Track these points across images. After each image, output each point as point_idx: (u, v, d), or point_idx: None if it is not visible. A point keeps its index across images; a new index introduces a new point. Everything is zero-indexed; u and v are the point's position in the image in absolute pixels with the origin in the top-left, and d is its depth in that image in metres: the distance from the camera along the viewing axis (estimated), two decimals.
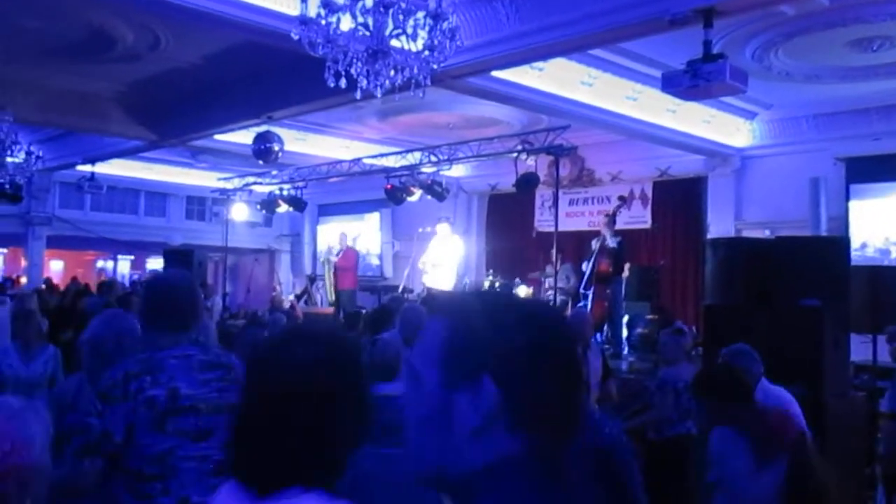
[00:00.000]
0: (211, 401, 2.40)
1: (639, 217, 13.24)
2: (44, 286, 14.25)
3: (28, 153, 11.30)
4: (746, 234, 11.20)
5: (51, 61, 9.48)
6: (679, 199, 13.01)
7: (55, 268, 20.36)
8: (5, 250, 19.47)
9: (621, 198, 11.42)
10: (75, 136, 13.66)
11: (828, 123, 10.78)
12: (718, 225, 11.88)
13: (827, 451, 4.07)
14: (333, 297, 14.01)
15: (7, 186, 12.06)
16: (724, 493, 1.57)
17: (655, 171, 12.82)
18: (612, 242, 10.16)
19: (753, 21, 7.56)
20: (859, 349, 7.17)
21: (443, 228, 12.09)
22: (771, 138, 11.48)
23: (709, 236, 11.23)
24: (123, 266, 21.62)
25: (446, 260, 11.91)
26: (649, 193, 13.25)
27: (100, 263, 22.18)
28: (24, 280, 16.65)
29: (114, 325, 3.20)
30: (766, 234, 10.16)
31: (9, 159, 11.12)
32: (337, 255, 13.67)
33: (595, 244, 10.38)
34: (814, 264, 6.64)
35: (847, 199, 10.79)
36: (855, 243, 9.62)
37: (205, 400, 2.40)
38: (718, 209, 12.15)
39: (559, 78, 8.95)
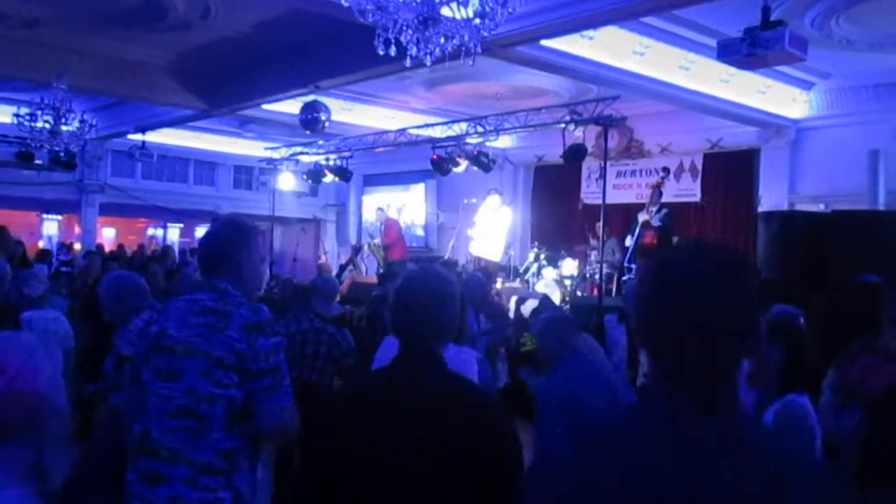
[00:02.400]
0: (189, 343, 2.45)
1: (688, 190, 13.01)
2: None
3: (82, 121, 11.48)
4: (800, 208, 10.91)
5: (104, 29, 9.62)
6: (730, 172, 12.74)
7: (107, 235, 20.82)
8: (60, 217, 19.94)
9: (665, 169, 11.24)
10: (127, 104, 13.89)
11: (890, 94, 10.41)
12: (771, 198, 11.61)
13: None
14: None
15: (62, 154, 12.30)
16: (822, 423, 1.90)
17: (706, 143, 12.56)
18: (656, 221, 10.01)
19: None
20: None
21: (493, 199, 12.10)
22: (829, 109, 11.13)
23: (761, 210, 10.99)
24: (173, 234, 22.00)
25: (494, 231, 11.89)
26: (699, 166, 12.99)
27: (150, 231, 22.61)
28: (77, 246, 17.06)
29: (113, 286, 4.04)
30: (821, 208, 9.91)
31: (63, 127, 11.31)
32: (381, 234, 13.75)
33: (641, 217, 10.26)
34: (871, 240, 6.48)
35: None
36: None
37: (183, 342, 2.46)
38: (771, 182, 11.87)
39: (610, 47, 8.77)
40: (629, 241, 10.28)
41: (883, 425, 1.61)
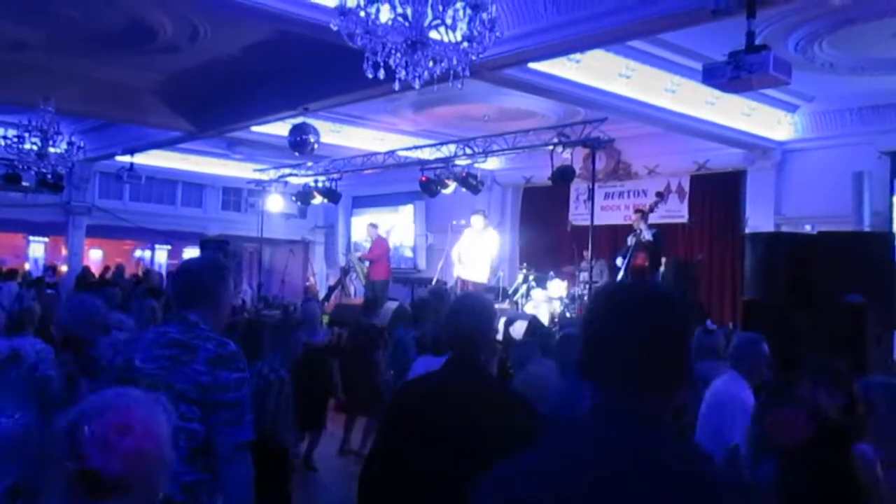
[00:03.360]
0: (153, 376, 2.45)
1: (675, 211, 13.08)
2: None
3: (70, 143, 11.45)
4: (786, 229, 11.00)
5: (92, 52, 9.61)
6: (717, 194, 12.82)
7: (94, 257, 20.70)
8: (47, 239, 19.83)
9: (658, 193, 11.28)
10: (115, 126, 13.87)
11: (872, 116, 10.54)
12: (757, 220, 11.69)
13: None
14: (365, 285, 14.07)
15: (49, 176, 12.25)
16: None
17: (693, 165, 12.65)
18: (647, 235, 10.06)
19: (797, 11, 7.40)
20: None
21: (476, 220, 12.08)
22: (813, 131, 11.25)
23: (747, 231, 11.06)
24: (161, 255, 21.91)
25: (480, 253, 11.90)
26: (686, 187, 13.08)
27: (137, 253, 22.49)
28: (64, 269, 16.96)
29: (78, 309, 3.78)
30: (807, 229, 9.98)
31: (51, 149, 11.28)
32: (369, 251, 13.70)
33: (631, 240, 10.29)
34: (856, 260, 6.52)
35: (892, 193, 10.54)
36: None
37: (148, 374, 2.46)
38: (758, 204, 11.95)
39: (597, 70, 8.85)
40: (620, 262, 10.30)
41: (794, 479, 1.69)
